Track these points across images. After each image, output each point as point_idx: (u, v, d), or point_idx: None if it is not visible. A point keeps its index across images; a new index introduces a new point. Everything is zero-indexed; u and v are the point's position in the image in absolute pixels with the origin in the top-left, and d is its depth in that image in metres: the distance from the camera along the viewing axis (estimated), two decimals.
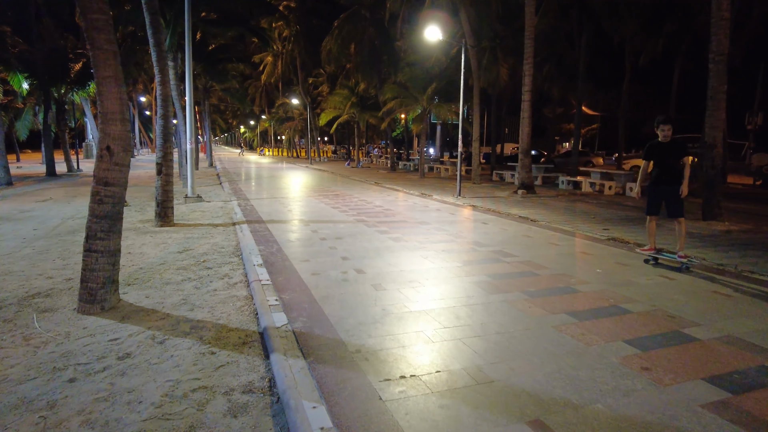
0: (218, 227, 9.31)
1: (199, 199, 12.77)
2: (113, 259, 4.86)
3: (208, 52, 25.35)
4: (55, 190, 15.74)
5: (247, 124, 74.83)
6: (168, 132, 9.12)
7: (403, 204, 13.19)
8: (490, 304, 5.04)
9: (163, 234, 8.53)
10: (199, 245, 7.68)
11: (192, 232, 8.79)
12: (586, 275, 6.23)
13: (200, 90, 29.71)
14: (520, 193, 15.48)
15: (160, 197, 9.12)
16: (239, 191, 16.15)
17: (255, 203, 12.98)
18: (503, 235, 8.88)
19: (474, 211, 12.02)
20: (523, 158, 15.73)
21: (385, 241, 8.13)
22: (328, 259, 6.77)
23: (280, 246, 7.57)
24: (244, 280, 5.82)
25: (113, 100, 4.70)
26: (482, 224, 10.07)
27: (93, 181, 4.79)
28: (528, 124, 15.52)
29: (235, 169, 29.15)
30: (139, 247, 7.55)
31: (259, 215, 10.78)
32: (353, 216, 10.87)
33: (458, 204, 13.34)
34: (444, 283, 5.74)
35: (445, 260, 6.85)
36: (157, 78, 9.01)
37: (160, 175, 9.13)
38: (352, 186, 18.92)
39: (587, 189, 18.16)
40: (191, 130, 12.48)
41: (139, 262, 6.63)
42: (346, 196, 14.95)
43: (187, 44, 12.01)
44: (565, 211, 12.16)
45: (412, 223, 9.98)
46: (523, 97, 15.54)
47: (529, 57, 15.23)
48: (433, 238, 8.42)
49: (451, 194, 15.59)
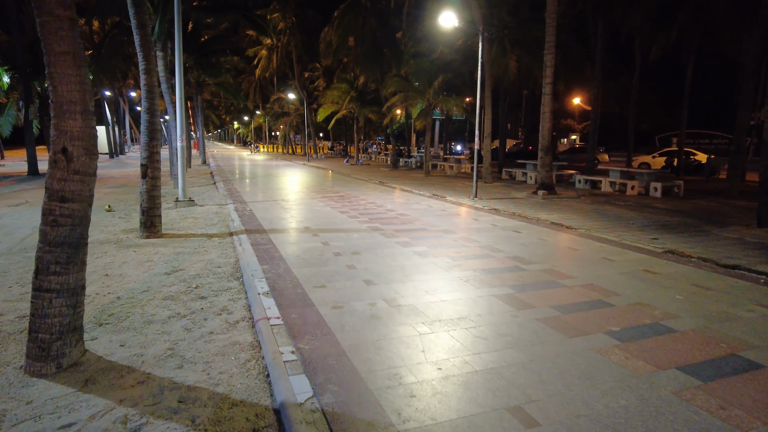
0: (213, 238, 8.06)
1: (191, 202, 11.49)
2: (74, 300, 3.62)
3: (200, 44, 23.96)
4: (35, 192, 14.39)
5: (241, 119, 73.25)
6: (154, 128, 7.85)
7: (416, 207, 11.98)
8: (576, 355, 3.85)
9: (149, 248, 7.27)
10: (192, 263, 6.44)
11: (183, 245, 7.53)
12: (669, 305, 5.06)
13: (193, 84, 28.30)
14: (540, 194, 14.32)
15: (146, 204, 7.86)
16: (235, 192, 14.88)
17: (253, 207, 11.72)
18: (545, 248, 7.70)
19: (498, 216, 10.83)
20: (543, 156, 14.56)
21: (410, 256, 6.92)
22: (348, 284, 5.55)
23: (288, 265, 6.34)
24: (248, 317, 4.59)
25: (71, 84, 3.46)
26: (514, 233, 8.88)
27: (45, 197, 3.55)
28: (549, 119, 14.33)
29: (229, 167, 27.80)
30: (119, 266, 6.29)
31: (259, 222, 9.53)
32: (365, 223, 9.64)
33: (477, 207, 12.15)
34: (504, 322, 4.54)
35: (492, 284, 5.65)
36: (141, 66, 7.73)
37: (146, 179, 7.86)
38: (356, 186, 17.68)
39: (607, 189, 17.04)
40: (182, 126, 11.19)
41: (116, 289, 5.38)
42: (352, 198, 13.72)
43: (177, 30, 10.70)
44: (596, 216, 11.00)
45: (435, 232, 8.77)
46: (544, 90, 14.35)
47: (551, 46, 14.03)
48: (465, 253, 7.22)
49: (465, 195, 14.40)
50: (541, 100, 14.41)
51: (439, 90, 21.00)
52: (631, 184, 16.16)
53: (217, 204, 12.16)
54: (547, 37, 14.03)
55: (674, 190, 15.99)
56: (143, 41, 7.65)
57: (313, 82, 47.65)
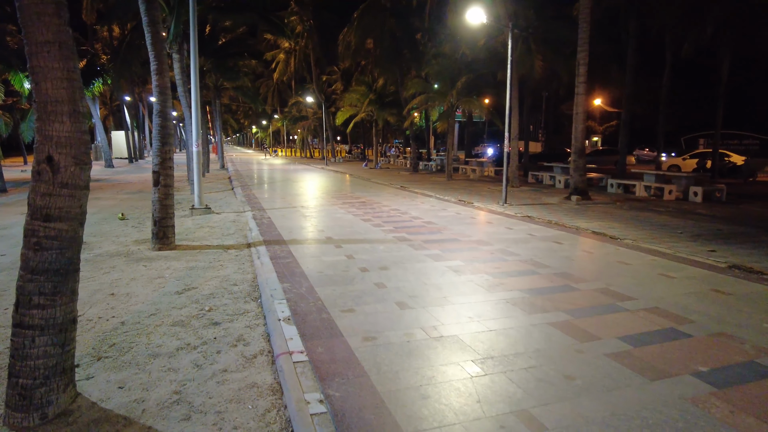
0: (230, 250, 7.50)
1: (207, 210, 10.99)
2: (62, 338, 3.04)
3: (217, 47, 23.67)
4: None
5: (259, 123, 73.36)
6: (167, 132, 7.33)
7: (443, 215, 11.29)
8: (665, 406, 3.12)
9: (161, 262, 6.73)
10: (205, 281, 5.86)
11: (197, 258, 6.98)
12: (760, 337, 4.28)
13: (211, 89, 28.08)
14: (574, 200, 13.49)
15: (158, 214, 7.33)
16: (253, 198, 14.37)
17: (272, 214, 11.17)
18: (593, 262, 6.94)
19: (533, 224, 10.07)
20: (576, 159, 13.74)
21: (444, 272, 6.24)
22: (379, 308, 4.89)
23: (311, 283, 5.71)
24: (267, 350, 3.97)
25: (56, 81, 2.89)
26: (555, 244, 8.13)
27: (27, 215, 2.98)
28: (582, 120, 13.52)
29: (247, 172, 27.46)
30: (127, 284, 5.75)
31: (278, 232, 8.95)
32: (391, 232, 8.99)
33: (509, 214, 11.40)
34: (568, 358, 3.83)
35: (544, 309, 4.93)
36: (153, 66, 7.22)
37: (158, 187, 7.34)
38: (377, 191, 17.05)
39: (642, 193, 16.10)
40: (198, 130, 10.70)
41: (122, 312, 4.82)
42: (374, 204, 13.09)
43: (192, 30, 10.21)
44: (639, 224, 10.16)
45: (467, 243, 8.07)
46: (577, 89, 13.53)
47: (584, 43, 13.23)
48: (505, 268, 6.51)
49: (493, 200, 13.64)
50: (575, 100, 13.60)
51: (462, 91, 20.27)
52: (669, 188, 15.21)
53: (235, 211, 11.64)
54: (580, 33, 13.23)
55: (716, 195, 14.99)
56: (154, 40, 7.14)
57: (331, 85, 47.33)
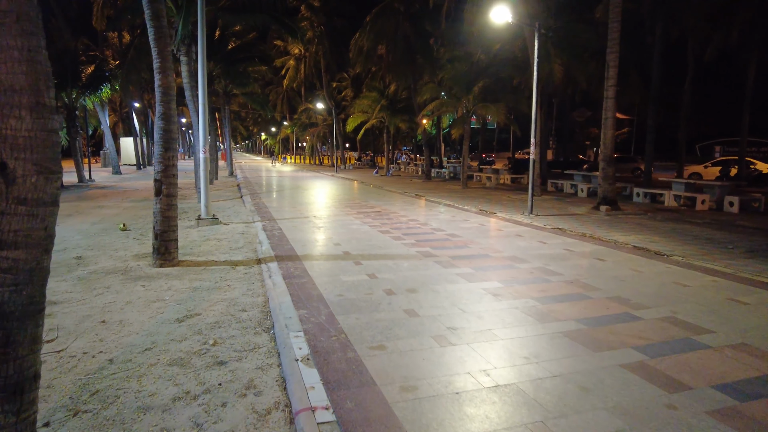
0: (238, 267, 6.77)
1: (214, 220, 10.30)
2: (16, 404, 2.29)
3: (227, 52, 23.21)
4: None
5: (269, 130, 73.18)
6: (170, 137, 6.65)
7: (466, 226, 10.52)
8: None
9: (161, 281, 6.02)
10: (210, 305, 5.13)
11: (202, 276, 6.26)
12: None
13: (220, 95, 27.61)
14: (603, 210, 12.66)
15: (160, 227, 6.64)
16: (263, 207, 13.69)
17: (283, 225, 10.46)
18: (646, 283, 6.12)
19: (567, 238, 9.27)
20: (605, 167, 12.91)
21: (482, 297, 5.46)
22: (414, 344, 4.13)
23: (331, 309, 4.96)
24: (284, 402, 3.22)
25: (13, 64, 2.18)
26: (598, 261, 7.32)
27: None
28: (612, 125, 12.72)
29: (256, 179, 26.87)
30: (122, 308, 5.03)
31: (291, 246, 8.22)
32: (413, 246, 8.23)
33: (537, 226, 10.60)
34: (660, 418, 3.03)
35: (611, 345, 4.14)
36: (156, 64, 6.56)
37: (160, 197, 6.65)
38: (392, 199, 16.31)
39: (671, 203, 15.21)
40: (205, 136, 10.04)
41: (111, 346, 4.10)
42: (390, 214, 12.34)
43: (200, 28, 9.58)
44: (681, 237, 9.32)
45: (500, 260, 7.28)
46: (606, 93, 12.74)
47: (615, 44, 12.45)
48: (551, 291, 5.72)
49: (516, 210, 12.85)
50: (604, 105, 12.80)
51: (479, 96, 19.54)
52: (701, 198, 14.32)
53: (244, 222, 10.95)
54: (610, 34, 12.46)
55: (753, 205, 14.11)
56: (157, 35, 6.48)
57: (341, 92, 46.87)
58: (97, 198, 16.14)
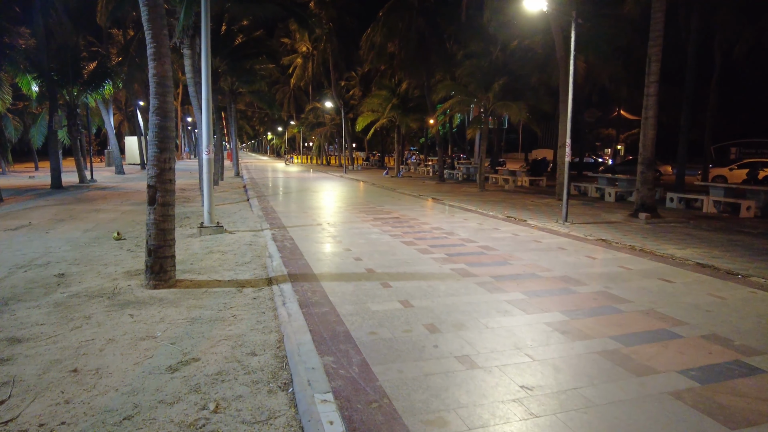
0: (246, 289, 5.75)
1: (219, 229, 9.29)
2: None
3: (233, 48, 22.23)
4: (45, 210, 12.57)
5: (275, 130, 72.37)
6: (166, 135, 5.64)
7: (498, 236, 9.45)
8: None
9: (154, 309, 5.00)
10: (211, 345, 4.11)
11: (202, 302, 5.24)
12: None
13: (226, 93, 26.68)
14: (643, 218, 11.55)
15: (153, 241, 5.63)
16: (271, 212, 12.69)
17: (294, 234, 9.44)
18: (736, 314, 5.04)
19: (616, 252, 8.18)
20: (644, 171, 11.81)
21: (548, 335, 4.40)
22: (485, 415, 3.07)
23: (364, 355, 3.92)
24: None
25: None
26: (665, 283, 6.24)
27: None
28: (653, 125, 11.61)
29: (263, 180, 25.91)
30: (101, 349, 4.02)
31: (305, 261, 7.19)
32: (445, 262, 7.18)
33: (577, 236, 9.52)
34: None
35: (749, 419, 3.07)
36: (150, 49, 5.54)
37: (154, 206, 5.64)
38: (407, 203, 15.27)
39: (710, 209, 14.06)
40: (209, 134, 9.04)
41: (79, 410, 3.08)
42: (410, 221, 11.29)
43: (204, 14, 8.57)
44: (745, 251, 8.21)
45: (552, 282, 6.22)
46: (647, 90, 11.63)
47: (658, 36, 11.33)
48: (628, 327, 4.65)
49: (547, 217, 11.78)
50: (644, 103, 11.69)
51: (498, 94, 18.47)
52: (746, 204, 13.18)
53: (251, 230, 9.93)
54: (653, 24, 11.36)
55: None
56: (152, 15, 5.46)
57: (349, 91, 45.88)
58: (96, 200, 15.20)
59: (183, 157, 64.14)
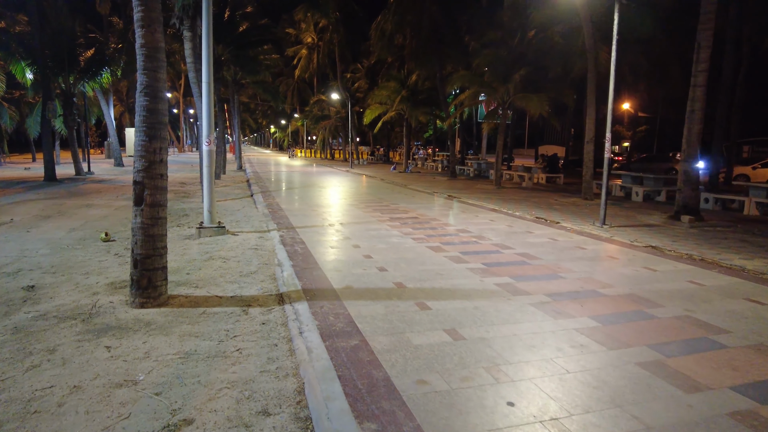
0: (252, 309, 4.72)
1: (220, 230, 8.25)
2: None
3: (237, 35, 21.15)
4: (33, 205, 11.55)
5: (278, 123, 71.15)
6: (157, 121, 4.59)
7: (535, 241, 8.40)
8: None
9: (138, 338, 3.98)
10: (209, 399, 3.08)
11: (199, 328, 4.21)
12: None
13: (229, 84, 25.62)
14: (686, 221, 10.48)
15: (141, 249, 4.60)
16: (277, 210, 11.65)
17: (305, 236, 8.41)
18: None
19: (675, 262, 7.12)
20: (688, 170, 10.72)
21: (652, 385, 3.36)
22: None
23: (418, 421, 2.88)
24: None
25: None
26: (756, 305, 5.18)
27: None
28: (700, 119, 10.51)
29: (267, 174, 24.86)
30: (59, 404, 2.99)
31: (321, 272, 6.15)
32: (484, 273, 6.14)
33: (623, 243, 8.46)
34: None
35: None
36: (137, 14, 4.48)
37: (141, 206, 4.60)
38: (423, 201, 14.21)
39: (751, 211, 12.98)
40: (210, 122, 8.00)
41: None
42: (431, 221, 10.25)
43: None
44: None
45: (621, 302, 5.18)
46: (694, 80, 10.52)
47: (710, 20, 10.19)
48: (741, 368, 3.61)
49: (581, 219, 10.72)
50: (690, 95, 10.58)
51: (519, 85, 17.35)
52: None
53: (257, 230, 8.90)
54: (703, 5, 10.22)
55: None
56: None
57: (354, 83, 44.64)
58: (89, 194, 14.19)
59: (185, 150, 63.24)
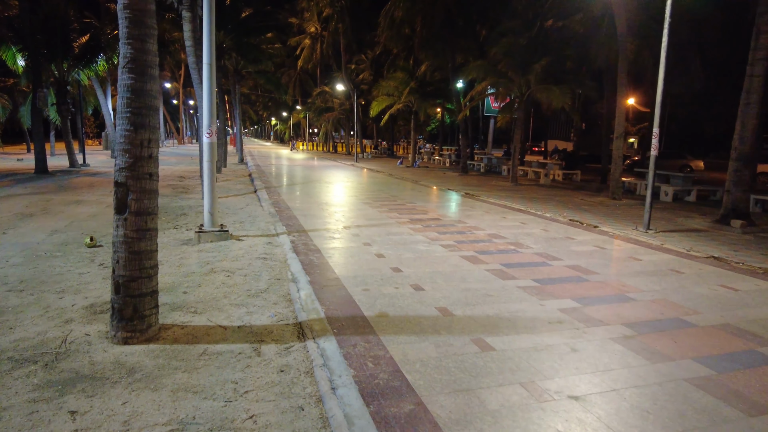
0: (265, 347, 3.71)
1: (222, 233, 7.21)
2: None
3: (239, 21, 20.04)
4: (16, 201, 10.52)
5: (279, 115, 69.87)
6: (144, 105, 3.56)
7: (582, 250, 7.39)
8: None
9: (115, 397, 2.96)
10: None
11: (198, 381, 3.20)
12: None
13: (231, 74, 24.50)
14: (738, 226, 9.48)
15: (123, 270, 3.59)
16: (285, 209, 10.63)
17: (320, 243, 7.40)
18: None
19: (751, 278, 6.11)
20: (740, 169, 9.70)
21: None
22: None
23: None
24: None
25: None
26: None
27: None
28: (756, 114, 9.48)
29: (270, 168, 23.80)
30: None
31: (346, 292, 5.13)
32: (541, 294, 5.13)
33: (679, 252, 7.44)
34: None
35: None
36: None
37: (124, 215, 3.60)
38: (440, 199, 13.19)
39: None
40: (211, 111, 6.96)
41: None
42: (456, 224, 9.23)
43: None
44: None
45: (715, 334, 4.18)
46: (751, 69, 9.47)
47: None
48: None
49: (620, 222, 9.71)
50: (745, 85, 9.55)
51: (540, 75, 16.27)
52: None
53: (264, 234, 7.87)
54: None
55: None
56: None
57: (359, 75, 43.40)
58: (81, 189, 13.15)
59: (184, 141, 62.12)
